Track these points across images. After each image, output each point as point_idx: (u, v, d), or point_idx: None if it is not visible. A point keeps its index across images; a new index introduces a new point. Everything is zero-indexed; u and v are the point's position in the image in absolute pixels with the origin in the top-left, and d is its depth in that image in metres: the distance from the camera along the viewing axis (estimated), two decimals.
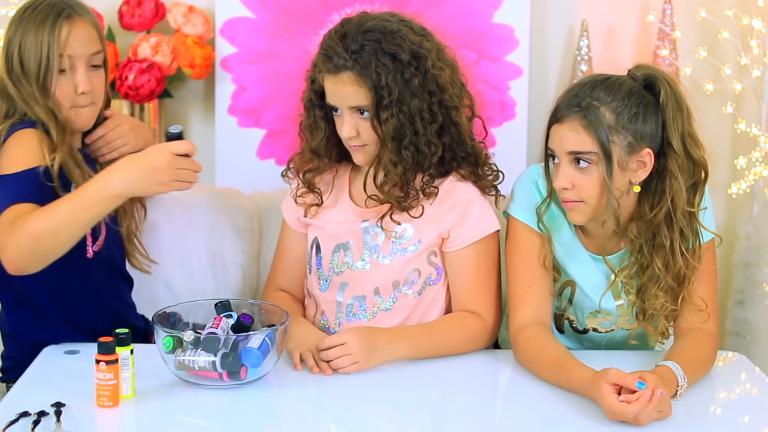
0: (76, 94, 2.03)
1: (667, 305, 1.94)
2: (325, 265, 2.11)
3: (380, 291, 2.07)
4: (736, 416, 1.82)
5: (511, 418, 1.82)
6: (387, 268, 2.06)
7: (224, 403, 1.79)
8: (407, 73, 1.95)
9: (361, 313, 2.09)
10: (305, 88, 2.08)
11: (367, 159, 2.04)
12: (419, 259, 2.06)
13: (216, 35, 2.83)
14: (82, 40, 2.02)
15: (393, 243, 2.06)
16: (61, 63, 2.00)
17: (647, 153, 1.88)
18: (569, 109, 1.88)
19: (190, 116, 2.96)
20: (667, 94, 1.88)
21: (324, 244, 2.11)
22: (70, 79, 2.02)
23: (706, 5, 2.82)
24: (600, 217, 1.93)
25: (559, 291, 2.07)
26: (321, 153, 2.08)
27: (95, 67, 2.05)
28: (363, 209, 2.09)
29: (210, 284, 2.46)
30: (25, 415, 1.69)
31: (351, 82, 1.95)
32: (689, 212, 1.91)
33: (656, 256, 1.92)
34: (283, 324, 1.85)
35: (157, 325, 1.83)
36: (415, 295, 2.07)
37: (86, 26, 2.04)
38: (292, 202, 2.17)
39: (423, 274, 2.07)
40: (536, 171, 2.04)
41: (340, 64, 1.95)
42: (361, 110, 1.98)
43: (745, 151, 2.86)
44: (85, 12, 2.05)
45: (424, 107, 1.98)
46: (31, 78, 2.00)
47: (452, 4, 2.80)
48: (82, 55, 2.02)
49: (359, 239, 2.08)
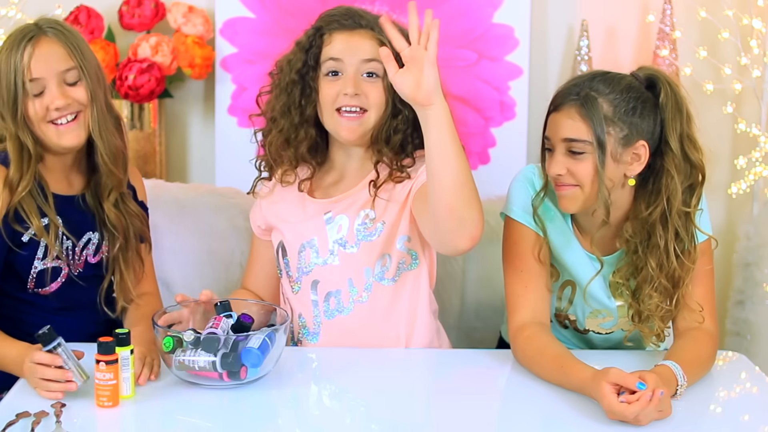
0: (51, 110, 1.95)
1: (662, 306, 1.95)
2: (293, 266, 2.10)
3: (354, 282, 2.05)
4: (736, 415, 1.82)
5: (511, 418, 1.82)
6: (355, 257, 2.04)
7: (224, 403, 1.79)
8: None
9: (339, 308, 2.07)
10: (292, 56, 2.07)
11: (362, 130, 2.02)
12: (387, 243, 2.03)
13: (216, 35, 2.83)
14: (47, 60, 1.94)
15: (357, 230, 2.04)
16: (32, 88, 1.93)
17: (642, 145, 1.88)
18: (567, 98, 1.89)
19: (190, 116, 2.96)
20: (667, 95, 1.89)
21: (289, 246, 2.10)
22: (45, 98, 1.95)
23: (706, 5, 2.82)
24: (591, 207, 1.93)
25: (560, 291, 2.07)
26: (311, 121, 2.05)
27: (72, 84, 1.96)
28: (323, 201, 2.07)
29: (210, 284, 2.46)
30: (24, 415, 1.69)
31: (369, 37, 2.00)
32: (685, 213, 1.91)
33: (650, 256, 1.92)
34: (283, 324, 1.85)
35: (156, 326, 1.84)
36: (390, 282, 2.05)
37: (52, 45, 1.95)
38: (255, 208, 2.18)
39: (394, 258, 2.04)
40: (532, 171, 2.04)
41: (361, 22, 2.02)
42: (369, 73, 2.00)
43: (745, 151, 2.86)
44: (55, 31, 1.96)
45: None
46: (4, 105, 1.95)
47: (452, 4, 2.80)
48: (50, 75, 1.94)
49: (324, 233, 2.06)
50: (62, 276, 2.04)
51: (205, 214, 2.49)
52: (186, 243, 2.45)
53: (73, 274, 2.05)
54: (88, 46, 2.03)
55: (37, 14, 2.66)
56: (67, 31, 1.99)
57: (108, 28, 2.81)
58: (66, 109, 1.96)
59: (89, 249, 2.07)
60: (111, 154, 2.02)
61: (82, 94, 1.97)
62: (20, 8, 2.69)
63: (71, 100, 1.96)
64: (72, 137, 1.98)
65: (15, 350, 1.87)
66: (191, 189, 2.58)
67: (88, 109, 1.98)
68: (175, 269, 2.40)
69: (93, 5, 2.78)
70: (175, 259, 2.40)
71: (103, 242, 2.07)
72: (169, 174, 2.94)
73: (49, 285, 2.03)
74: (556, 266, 2.05)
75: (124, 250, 2.08)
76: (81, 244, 2.05)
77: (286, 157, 2.08)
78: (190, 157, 2.98)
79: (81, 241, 2.05)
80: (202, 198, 2.52)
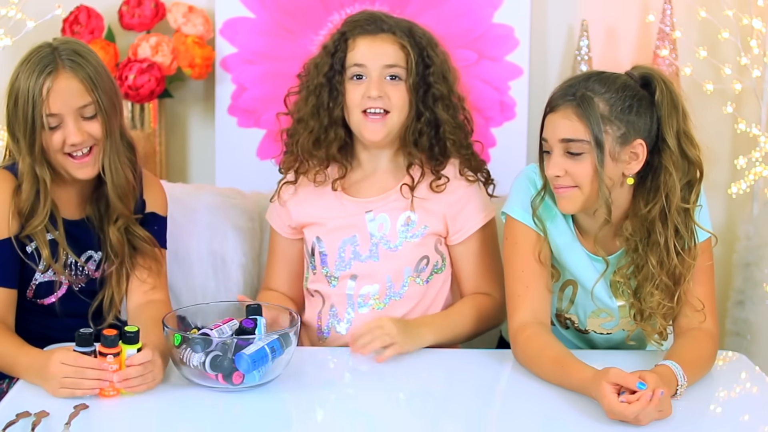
0: (67, 145, 1.96)
1: (663, 303, 1.95)
2: (330, 261, 2.13)
3: (392, 279, 2.11)
4: (736, 415, 1.82)
5: (511, 417, 1.82)
6: (397, 256, 2.11)
7: (225, 405, 1.78)
8: (429, 61, 2.08)
9: (373, 301, 2.12)
10: (319, 59, 2.13)
11: (385, 132, 2.08)
12: (427, 246, 2.12)
13: (216, 35, 2.83)
14: (65, 97, 1.94)
15: (400, 231, 2.10)
16: (49, 122, 1.94)
17: (639, 144, 1.88)
18: (563, 98, 1.90)
19: (190, 116, 2.96)
20: (662, 92, 1.89)
21: (328, 242, 2.13)
22: (61, 133, 1.96)
23: (706, 5, 2.82)
24: (591, 207, 1.93)
25: (560, 291, 2.07)
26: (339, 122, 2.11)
27: (89, 118, 1.97)
28: (363, 200, 2.12)
29: (210, 284, 2.46)
30: (24, 415, 1.69)
31: (391, 42, 2.06)
32: (684, 210, 1.92)
33: (651, 253, 1.92)
34: (292, 327, 1.84)
35: (167, 327, 1.83)
36: (424, 282, 2.13)
37: (70, 81, 1.94)
38: (278, 209, 2.20)
39: (431, 261, 2.12)
40: (533, 170, 2.05)
41: (380, 26, 2.07)
42: (392, 76, 2.06)
43: (745, 151, 2.86)
44: (72, 63, 1.95)
45: (444, 93, 2.10)
46: (21, 132, 1.95)
47: (452, 4, 2.80)
48: (68, 111, 1.94)
49: (365, 231, 2.11)
50: (61, 289, 2.07)
51: (205, 214, 2.49)
52: (186, 243, 2.45)
53: (75, 289, 2.07)
54: (105, 69, 2.01)
55: (37, 14, 2.68)
56: (84, 60, 1.96)
57: (108, 28, 2.81)
58: (81, 145, 1.97)
59: (91, 265, 2.08)
60: (120, 187, 2.03)
61: (97, 129, 1.97)
62: (20, 8, 2.69)
63: (86, 137, 1.97)
64: (86, 171, 2.00)
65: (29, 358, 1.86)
66: (191, 189, 2.58)
67: (102, 143, 1.99)
68: (175, 269, 2.40)
69: (93, 5, 2.78)
70: (175, 259, 2.39)
71: (105, 261, 2.08)
72: (169, 174, 2.95)
73: (47, 297, 2.06)
74: (557, 266, 2.05)
75: (119, 270, 2.08)
76: (83, 259, 2.07)
77: (318, 157, 2.13)
78: (190, 157, 2.98)
79: (82, 257, 2.07)
80: (202, 198, 2.51)
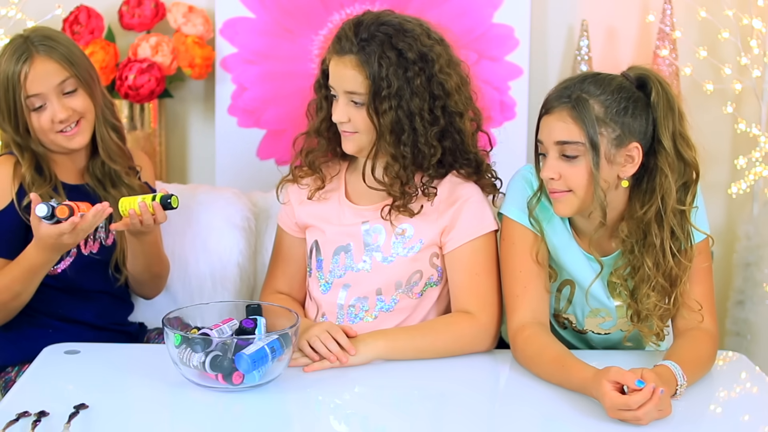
0: (56, 123, 2.08)
1: (660, 305, 1.95)
2: (325, 267, 2.12)
3: (382, 291, 2.08)
4: (736, 415, 1.82)
5: (511, 417, 1.82)
6: (389, 269, 2.07)
7: (225, 405, 1.78)
8: (410, 71, 1.98)
9: (363, 314, 2.09)
10: (319, 73, 2.11)
11: (356, 148, 2.05)
12: (421, 260, 2.07)
13: (216, 35, 2.83)
14: (43, 78, 2.06)
15: (394, 243, 2.06)
16: (33, 102, 2.07)
17: (635, 147, 1.88)
18: (559, 101, 1.89)
19: (190, 116, 2.96)
20: (658, 94, 1.89)
21: (324, 248, 2.12)
22: (48, 112, 2.07)
23: (706, 5, 2.82)
24: (587, 210, 1.93)
25: (558, 291, 2.07)
26: (323, 133, 2.11)
27: (70, 93, 2.09)
28: (362, 208, 2.10)
29: (208, 284, 2.46)
30: (25, 415, 1.69)
31: (352, 66, 1.98)
32: (680, 211, 1.91)
33: (647, 255, 1.92)
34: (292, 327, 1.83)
35: (167, 327, 1.82)
36: (416, 296, 2.08)
37: (45, 62, 2.06)
38: (286, 209, 2.18)
39: (425, 275, 2.08)
40: (529, 170, 2.04)
41: (346, 47, 1.99)
42: (354, 101, 2.00)
43: (745, 151, 2.86)
44: (45, 48, 2.07)
45: (425, 108, 2.00)
46: (5, 119, 2.08)
47: (452, 4, 2.80)
48: (49, 90, 2.07)
49: (360, 241, 2.09)
50: (70, 256, 2.13)
51: (204, 214, 2.48)
52: (185, 243, 2.45)
53: (84, 255, 2.15)
54: (76, 46, 2.14)
55: (37, 14, 2.69)
56: (55, 42, 2.09)
57: (108, 28, 2.81)
58: (69, 120, 2.09)
59: (101, 232, 2.17)
60: (111, 150, 2.19)
61: (79, 102, 2.10)
62: (20, 8, 2.69)
63: (71, 111, 2.09)
64: (78, 140, 2.12)
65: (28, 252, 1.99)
66: (191, 189, 2.58)
67: (89, 113, 2.12)
68: (174, 269, 2.39)
69: (93, 5, 2.78)
70: (174, 259, 2.39)
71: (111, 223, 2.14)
72: (169, 174, 2.95)
73: (58, 264, 2.11)
74: (555, 267, 2.04)
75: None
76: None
77: (332, 164, 2.14)
78: (190, 157, 2.99)
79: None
80: (202, 198, 2.51)
